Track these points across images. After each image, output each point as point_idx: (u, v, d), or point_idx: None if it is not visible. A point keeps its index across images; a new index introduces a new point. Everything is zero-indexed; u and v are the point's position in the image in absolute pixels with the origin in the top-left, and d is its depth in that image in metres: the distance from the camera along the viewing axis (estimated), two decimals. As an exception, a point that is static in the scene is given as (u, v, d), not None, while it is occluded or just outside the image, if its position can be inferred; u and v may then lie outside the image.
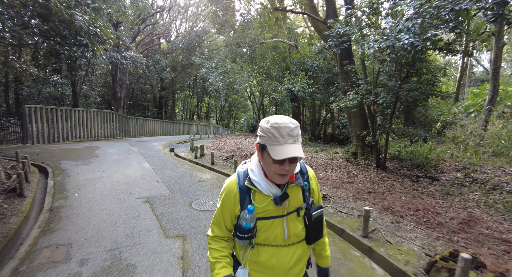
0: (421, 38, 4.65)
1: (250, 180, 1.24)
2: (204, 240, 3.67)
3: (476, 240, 3.82)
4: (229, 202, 1.26)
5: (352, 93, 6.83)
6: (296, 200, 1.26)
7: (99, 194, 5.55)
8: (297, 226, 1.26)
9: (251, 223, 1.18)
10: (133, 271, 2.92)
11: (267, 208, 1.22)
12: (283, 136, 1.08)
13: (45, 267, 3.01)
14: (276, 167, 1.12)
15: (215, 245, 1.30)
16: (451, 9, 4.38)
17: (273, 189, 1.20)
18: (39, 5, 4.35)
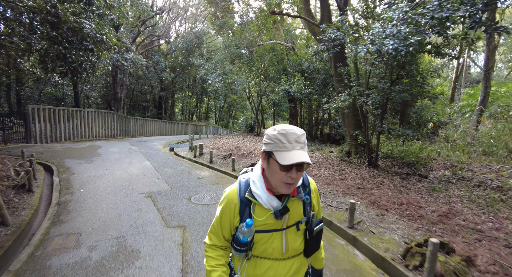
0: (404, 43, 4.98)
1: (251, 191, 1.23)
2: (202, 229, 4.00)
3: (452, 230, 4.15)
4: (228, 212, 1.26)
5: (344, 95, 7.17)
6: (296, 214, 1.26)
7: (103, 190, 5.87)
8: (296, 240, 1.27)
9: (248, 237, 1.18)
10: (137, 255, 3.25)
11: (266, 222, 1.21)
12: (290, 143, 1.09)
13: (58, 252, 3.34)
14: (282, 175, 1.11)
15: (212, 253, 1.29)
16: (432, 17, 4.72)
17: (274, 202, 1.20)
18: (49, 14, 4.68)
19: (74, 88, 16.68)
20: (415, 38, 4.79)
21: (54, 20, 4.62)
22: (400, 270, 3.21)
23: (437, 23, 5.17)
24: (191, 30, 28.88)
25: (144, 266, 3.04)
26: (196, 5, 31.99)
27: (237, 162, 8.88)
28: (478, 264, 3.22)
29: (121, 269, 2.98)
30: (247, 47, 16.09)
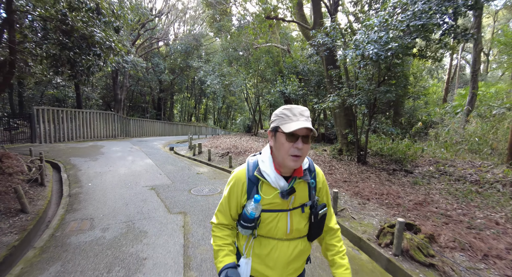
0: (384, 48, 5.50)
1: (259, 170, 1.26)
2: (202, 215, 4.50)
3: (424, 216, 4.65)
4: (236, 190, 1.29)
5: (333, 96, 7.69)
6: (302, 196, 1.29)
7: (110, 184, 6.36)
8: (300, 222, 1.29)
9: (256, 213, 1.20)
10: (145, 235, 3.74)
11: (273, 201, 1.24)
12: (295, 115, 1.16)
13: (75, 233, 3.82)
14: (289, 147, 1.15)
15: (219, 232, 1.33)
16: (407, 24, 5.24)
17: (281, 182, 1.23)
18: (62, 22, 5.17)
19: (76, 90, 17.15)
20: (393, 44, 5.30)
21: (67, 28, 5.11)
22: (373, 247, 3.71)
23: (415, 30, 5.69)
24: (189, 33, 29.38)
25: (151, 243, 3.53)
26: (195, 7, 32.51)
27: (234, 159, 9.38)
28: (440, 241, 3.73)
29: (131, 245, 3.47)
30: (244, 49, 16.60)
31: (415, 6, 5.31)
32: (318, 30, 7.50)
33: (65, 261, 3.10)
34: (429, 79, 35.39)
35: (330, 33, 6.96)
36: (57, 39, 5.53)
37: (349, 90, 7.60)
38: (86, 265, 3.01)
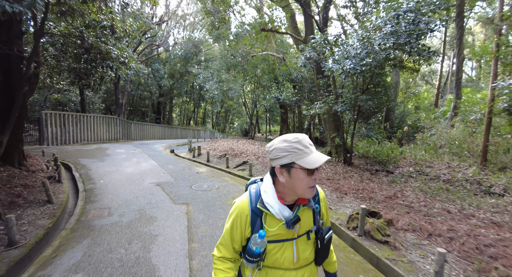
0: (360, 63, 6.37)
1: (262, 202, 1.23)
2: (201, 205, 5.31)
3: (391, 207, 5.48)
4: (240, 223, 1.25)
5: (320, 103, 8.55)
6: (307, 222, 1.27)
7: (119, 181, 7.15)
8: (306, 249, 1.27)
9: (261, 248, 1.18)
10: (155, 219, 4.54)
11: (278, 232, 1.21)
12: (307, 147, 1.12)
13: (97, 218, 4.61)
14: (308, 180, 1.13)
15: (220, 265, 1.29)
16: (379, 43, 6.12)
17: (285, 212, 1.20)
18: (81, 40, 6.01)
19: (81, 95, 17.95)
20: (367, 60, 6.17)
21: (87, 45, 5.94)
22: (343, 230, 4.53)
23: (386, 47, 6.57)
24: (189, 40, 30.30)
25: (161, 225, 4.33)
26: (195, 13, 33.47)
27: (230, 160, 10.20)
28: (397, 225, 4.55)
29: (145, 226, 4.27)
30: (242, 57, 17.49)
31: (386, 28, 6.19)
32: (306, 45, 8.39)
33: (93, 237, 3.90)
34: (422, 85, 36.48)
35: (316, 48, 7.85)
36: (76, 54, 6.37)
37: (335, 98, 8.46)
38: (110, 240, 3.81)
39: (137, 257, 3.36)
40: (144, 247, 3.62)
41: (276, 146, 1.16)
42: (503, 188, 7.02)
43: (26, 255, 3.47)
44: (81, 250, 3.56)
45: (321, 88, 9.73)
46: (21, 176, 5.95)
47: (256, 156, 10.77)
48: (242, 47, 16.43)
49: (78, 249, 3.59)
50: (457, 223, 4.51)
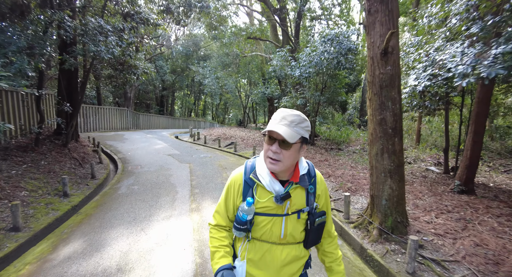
0: (305, 71, 9.31)
1: (255, 173, 1.27)
2: (198, 163, 8.38)
3: (318, 166, 8.49)
4: (233, 192, 1.31)
5: (285, 98, 11.54)
6: (298, 201, 1.27)
7: (141, 153, 10.23)
8: (296, 228, 1.28)
9: (248, 215, 1.21)
10: (170, 169, 7.62)
11: (267, 204, 1.24)
12: (277, 119, 1.16)
13: (135, 169, 7.69)
14: (267, 148, 1.17)
15: (216, 234, 1.34)
16: (315, 60, 9.06)
17: (276, 186, 1.22)
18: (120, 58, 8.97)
19: (97, 90, 20.91)
20: (309, 70, 9.13)
21: (121, 61, 8.90)
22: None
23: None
24: (189, 37, 33.00)
25: (174, 171, 7.42)
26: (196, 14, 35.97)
27: (222, 142, 13.27)
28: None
29: (165, 171, 7.36)
30: (235, 57, 20.33)
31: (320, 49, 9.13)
32: (274, 55, 11.32)
33: (136, 176, 6.98)
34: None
35: (281, 58, 10.79)
36: (113, 65, 9.35)
37: (297, 94, 11.44)
38: (146, 176, 6.89)
39: (163, 180, 6.46)
40: (166, 178, 6.72)
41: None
42: (413, 159, 10.10)
43: (104, 181, 6.59)
44: (131, 179, 6.65)
45: (291, 85, 12.69)
46: (79, 147, 9.02)
47: (242, 139, 13.86)
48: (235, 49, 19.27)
49: (129, 179, 6.68)
50: (353, 172, 7.55)
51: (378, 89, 3.58)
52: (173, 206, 4.94)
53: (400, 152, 3.71)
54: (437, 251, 3.46)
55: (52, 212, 4.53)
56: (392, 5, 3.53)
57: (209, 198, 5.37)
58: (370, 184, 3.99)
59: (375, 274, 3.29)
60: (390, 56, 3.49)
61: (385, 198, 3.76)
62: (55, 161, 6.83)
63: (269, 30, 15.93)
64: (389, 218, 3.78)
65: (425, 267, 3.21)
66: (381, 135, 3.66)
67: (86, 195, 5.58)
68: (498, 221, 4.12)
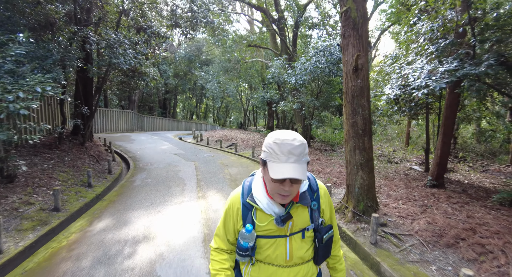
0: (300, 79, 10.20)
1: (252, 196, 1.21)
2: (203, 162, 9.25)
3: (311, 164, 9.36)
4: (232, 215, 1.26)
5: (283, 103, 12.43)
6: (301, 220, 1.21)
7: (149, 153, 11.11)
8: (301, 248, 1.22)
9: (249, 242, 1.17)
10: (177, 166, 8.50)
11: (268, 227, 1.19)
12: (283, 154, 1.02)
13: (146, 166, 8.57)
14: (276, 186, 1.06)
15: (216, 256, 1.31)
16: (309, 69, 9.96)
17: (275, 208, 1.16)
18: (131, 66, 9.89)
19: (104, 94, 21.85)
20: (304, 77, 10.02)
21: (133, 69, 9.82)
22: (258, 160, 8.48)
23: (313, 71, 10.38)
24: (192, 42, 34.02)
25: (181, 167, 8.30)
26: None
27: (223, 143, 14.16)
28: (307, 170, 8.47)
29: (173, 168, 8.23)
30: (236, 63, 21.29)
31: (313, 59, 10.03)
32: (273, 62, 12.24)
33: (148, 171, 7.86)
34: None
35: (279, 66, 11.70)
36: (125, 72, 10.27)
37: (294, 99, 12.34)
38: (156, 172, 7.77)
39: (172, 175, 7.35)
40: (174, 173, 7.61)
41: (266, 138, 1.11)
42: (400, 159, 10.95)
43: (119, 176, 7.47)
44: (144, 174, 7.54)
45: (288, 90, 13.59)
46: (94, 146, 9.92)
47: (242, 140, 14.75)
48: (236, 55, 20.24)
49: (142, 174, 7.57)
50: (341, 169, 8.40)
51: (351, 98, 4.47)
52: (183, 194, 5.82)
53: (369, 148, 4.59)
54: (397, 228, 4.32)
55: (81, 199, 5.41)
56: (361, 31, 4.43)
57: (213, 189, 6.25)
58: (346, 175, 4.86)
59: (346, 246, 4.15)
60: (360, 72, 4.38)
61: (358, 187, 4.63)
62: (76, 157, 7.72)
63: (269, 38, 16.89)
64: (361, 203, 4.65)
65: (385, 239, 4.07)
66: (353, 135, 4.54)
67: (106, 186, 6.47)
68: (452, 207, 4.97)
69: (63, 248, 3.61)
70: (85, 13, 8.23)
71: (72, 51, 6.39)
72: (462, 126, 13.97)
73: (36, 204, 4.65)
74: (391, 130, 16.45)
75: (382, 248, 3.84)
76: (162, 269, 3.09)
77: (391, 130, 16.45)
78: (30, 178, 5.40)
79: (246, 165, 9.21)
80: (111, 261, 3.26)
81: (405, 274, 3.22)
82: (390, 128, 16.94)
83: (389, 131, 16.91)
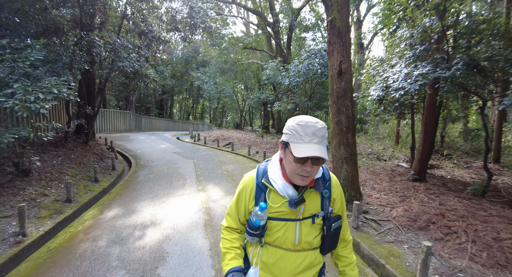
0: (293, 80, 10.71)
1: (268, 177, 1.25)
2: (201, 159, 9.72)
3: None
4: (244, 196, 1.30)
5: (277, 103, 12.95)
6: (313, 206, 1.25)
7: (149, 151, 11.56)
8: (310, 233, 1.25)
9: (261, 221, 1.19)
10: (177, 163, 8.96)
11: (281, 209, 1.22)
12: (307, 135, 1.07)
13: (147, 163, 9.02)
14: (297, 167, 1.10)
15: (227, 235, 1.34)
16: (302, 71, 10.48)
17: (289, 190, 1.20)
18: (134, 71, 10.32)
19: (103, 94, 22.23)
20: (297, 79, 10.54)
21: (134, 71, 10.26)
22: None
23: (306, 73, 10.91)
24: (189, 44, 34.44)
25: (180, 164, 8.76)
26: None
27: (220, 142, 14.63)
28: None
29: (173, 164, 8.70)
30: (232, 64, 21.78)
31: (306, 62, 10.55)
32: (268, 64, 12.76)
33: (149, 168, 8.31)
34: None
35: (273, 68, 12.21)
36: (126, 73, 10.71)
37: (288, 100, 12.86)
38: (157, 169, 8.23)
39: (172, 171, 7.82)
40: (175, 169, 8.08)
41: (287, 122, 1.16)
42: (388, 157, 11.50)
43: (122, 173, 7.92)
44: (146, 171, 7.99)
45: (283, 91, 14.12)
46: (96, 145, 10.34)
47: (238, 139, 15.24)
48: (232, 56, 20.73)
49: (144, 170, 8.03)
50: (330, 165, 8.91)
51: (336, 99, 4.98)
52: (184, 188, 6.29)
53: (352, 144, 5.10)
54: (377, 215, 4.84)
55: (89, 192, 5.86)
56: (345, 38, 4.95)
57: (211, 183, 6.73)
58: (332, 168, 5.37)
59: (331, 229, 4.66)
60: (343, 75, 4.89)
61: (342, 178, 5.14)
62: (81, 155, 8.15)
63: (264, 41, 17.41)
64: (346, 193, 5.16)
65: (366, 224, 4.59)
66: (338, 132, 5.05)
67: (111, 181, 6.92)
68: (428, 197, 5.51)
69: (80, 232, 4.07)
70: (89, 17, 8.67)
71: (79, 55, 6.84)
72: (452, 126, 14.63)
73: (50, 195, 5.10)
74: (382, 129, 17.05)
75: (363, 231, 4.35)
76: (169, 247, 3.57)
77: (382, 129, 17.05)
78: (42, 172, 5.84)
79: (243, 162, 9.69)
80: (123, 241, 3.73)
81: (380, 252, 3.72)
82: (381, 128, 17.55)
83: (381, 130, 17.52)
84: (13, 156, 5.27)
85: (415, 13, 5.61)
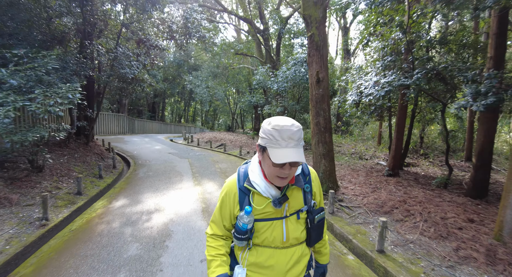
0: (282, 85, 11.52)
1: (249, 181, 1.26)
2: (196, 159, 10.40)
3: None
4: (228, 202, 1.30)
5: (267, 106, 13.73)
6: (296, 202, 1.28)
7: (146, 152, 12.17)
8: (297, 229, 1.28)
9: (248, 225, 1.20)
10: (173, 162, 9.62)
11: (266, 210, 1.24)
12: (284, 140, 1.08)
13: (145, 162, 9.66)
14: (276, 170, 1.12)
15: (212, 243, 1.35)
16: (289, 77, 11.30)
17: (272, 190, 1.22)
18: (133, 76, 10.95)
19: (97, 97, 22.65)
20: (285, 84, 11.34)
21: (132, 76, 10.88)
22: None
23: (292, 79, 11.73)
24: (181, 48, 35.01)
25: (177, 163, 9.43)
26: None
27: (213, 143, 15.32)
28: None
29: (170, 163, 9.36)
30: (224, 69, 22.53)
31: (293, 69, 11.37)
32: (258, 70, 13.55)
33: (148, 166, 8.96)
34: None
35: (263, 73, 13.01)
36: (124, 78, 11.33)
37: (277, 103, 13.66)
38: (155, 167, 8.88)
39: (170, 169, 8.48)
40: (172, 167, 8.75)
41: (263, 124, 1.17)
42: (370, 156, 12.36)
43: (122, 171, 8.55)
44: (145, 169, 8.64)
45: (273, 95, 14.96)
46: (96, 146, 10.90)
47: (230, 141, 15.96)
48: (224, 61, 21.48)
49: (143, 169, 8.67)
50: (314, 163, 9.70)
51: (315, 103, 5.77)
52: (182, 182, 6.98)
53: (330, 142, 5.89)
54: (350, 203, 5.63)
55: (96, 187, 6.50)
56: (322, 51, 5.75)
57: (206, 179, 7.44)
58: (312, 163, 6.15)
59: (311, 215, 5.44)
60: (321, 83, 5.69)
61: (321, 172, 5.92)
62: (84, 155, 8.74)
63: (255, 47, 18.23)
64: (324, 185, 5.94)
65: (340, 210, 5.37)
66: (317, 132, 5.84)
67: (114, 178, 7.55)
68: (397, 188, 6.34)
69: (94, 217, 4.73)
70: (90, 26, 9.29)
71: (84, 62, 7.48)
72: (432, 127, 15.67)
73: (63, 188, 5.73)
74: (367, 131, 18.02)
75: (337, 216, 5.12)
76: (173, 226, 4.28)
77: (367, 131, 18.02)
78: (53, 169, 6.45)
79: (234, 161, 10.40)
80: (134, 223, 4.42)
81: (350, 230, 4.50)
82: (366, 130, 18.53)
83: (365, 132, 18.49)
84: (27, 154, 5.87)
85: (384, 29, 6.48)
